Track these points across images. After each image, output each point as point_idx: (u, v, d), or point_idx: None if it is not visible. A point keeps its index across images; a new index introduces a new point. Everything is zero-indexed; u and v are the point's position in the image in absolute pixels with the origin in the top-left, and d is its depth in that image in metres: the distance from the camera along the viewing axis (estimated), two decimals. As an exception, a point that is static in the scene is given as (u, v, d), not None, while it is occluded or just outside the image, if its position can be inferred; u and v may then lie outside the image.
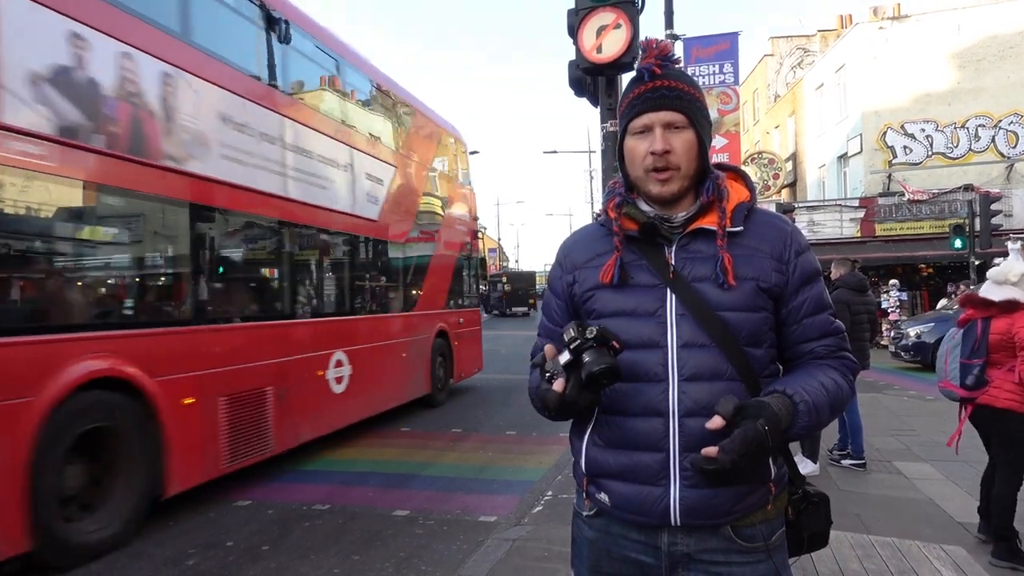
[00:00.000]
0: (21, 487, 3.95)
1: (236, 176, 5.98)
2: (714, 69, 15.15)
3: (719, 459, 1.28)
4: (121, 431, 4.71)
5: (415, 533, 4.84)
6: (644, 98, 1.47)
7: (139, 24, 5.06)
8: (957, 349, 4.12)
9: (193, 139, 5.50)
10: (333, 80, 8.25)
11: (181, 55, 5.44)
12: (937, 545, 3.94)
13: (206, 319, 5.62)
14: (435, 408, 10.00)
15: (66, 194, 4.57)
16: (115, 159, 4.76)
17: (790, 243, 1.50)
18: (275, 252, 6.85)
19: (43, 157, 4.24)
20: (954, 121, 21.90)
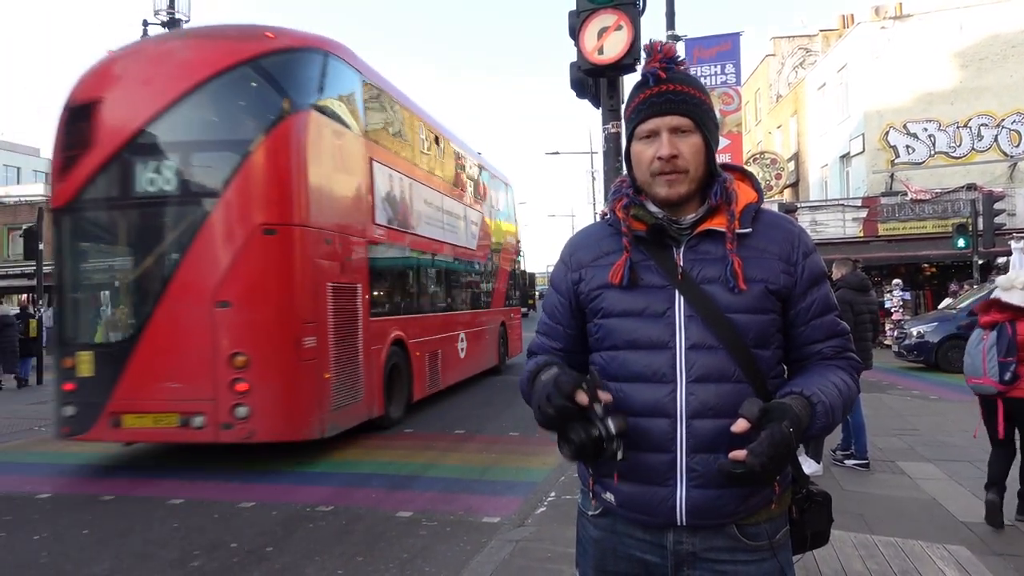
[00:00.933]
0: (380, 386, 8.38)
1: (431, 234, 10.70)
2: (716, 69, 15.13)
3: (748, 462, 1.27)
4: (401, 366, 9.14)
5: (419, 534, 4.85)
6: (650, 103, 1.47)
7: (410, 166, 9.90)
8: (994, 348, 4.47)
9: (422, 216, 10.24)
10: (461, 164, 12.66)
11: (419, 175, 10.26)
12: (940, 545, 3.94)
13: (422, 311, 10.34)
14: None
15: (387, 250, 9.11)
16: (401, 232, 9.43)
17: (798, 244, 1.51)
18: (442, 272, 11.48)
19: (384, 234, 8.81)
20: (957, 120, 21.87)
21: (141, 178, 6.82)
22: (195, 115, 6.93)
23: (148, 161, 6.80)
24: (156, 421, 6.57)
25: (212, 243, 6.64)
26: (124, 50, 7.68)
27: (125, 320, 6.96)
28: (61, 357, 6.90)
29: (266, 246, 6.52)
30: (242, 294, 6.50)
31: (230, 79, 6.87)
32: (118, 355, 6.66)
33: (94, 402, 6.60)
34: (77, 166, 6.91)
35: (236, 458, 7.40)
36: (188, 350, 6.48)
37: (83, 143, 6.90)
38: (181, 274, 6.61)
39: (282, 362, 6.56)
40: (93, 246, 7.39)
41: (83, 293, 7.24)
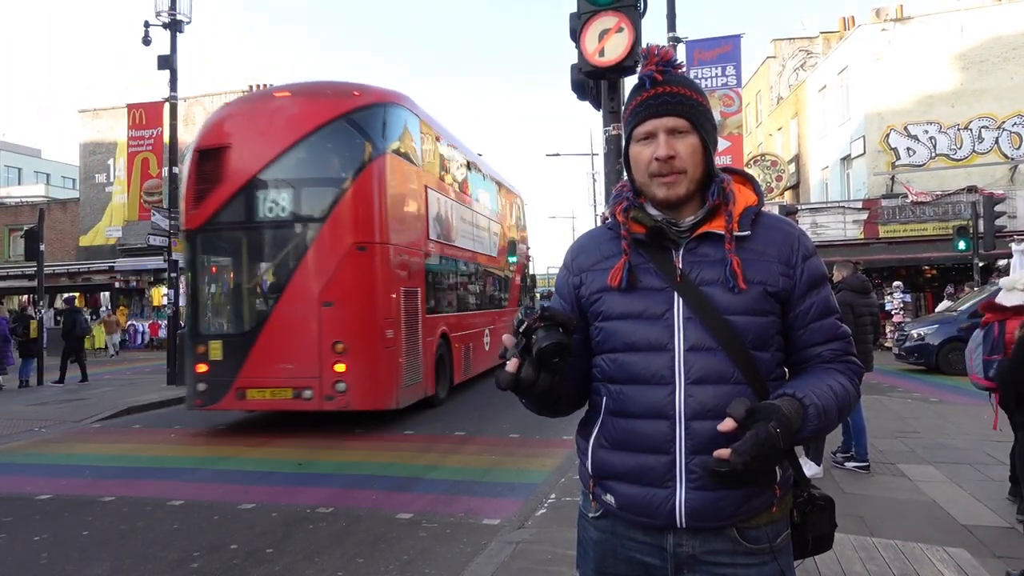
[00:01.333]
0: (432, 371, 10.14)
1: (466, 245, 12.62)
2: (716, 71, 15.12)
3: (731, 461, 1.28)
4: (445, 356, 10.92)
5: (419, 536, 4.85)
6: (647, 105, 1.48)
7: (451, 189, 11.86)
8: (980, 348, 4.78)
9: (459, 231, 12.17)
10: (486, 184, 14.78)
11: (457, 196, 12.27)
12: (940, 547, 3.94)
13: (459, 310, 12.18)
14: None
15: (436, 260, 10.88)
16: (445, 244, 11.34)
17: (797, 247, 1.51)
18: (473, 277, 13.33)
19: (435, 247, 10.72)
20: (957, 123, 21.87)
21: (261, 207, 8.81)
22: (303, 158, 8.85)
23: (267, 194, 8.81)
24: (273, 394, 8.46)
25: (319, 257, 8.53)
26: (239, 105, 10.26)
27: (249, 315, 8.95)
28: (194, 345, 8.76)
29: (358, 259, 8.47)
30: (341, 296, 8.37)
31: (329, 131, 8.81)
32: (244, 343, 8.54)
33: (224, 380, 8.49)
34: (208, 197, 8.84)
35: (236, 459, 7.42)
36: (299, 339, 8.37)
37: (212, 179, 8.83)
38: (295, 280, 8.57)
39: (371, 349, 8.48)
40: (221, 258, 9.41)
41: (212, 295, 9.31)
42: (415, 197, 9.99)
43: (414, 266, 9.76)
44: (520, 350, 1.37)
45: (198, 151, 9.14)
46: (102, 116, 29.54)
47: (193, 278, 9.22)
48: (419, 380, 9.66)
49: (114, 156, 28.79)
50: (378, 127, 9.03)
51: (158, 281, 26.29)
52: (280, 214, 8.83)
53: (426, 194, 10.38)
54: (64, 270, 28.29)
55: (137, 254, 26.71)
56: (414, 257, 9.80)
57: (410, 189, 9.83)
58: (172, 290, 14.86)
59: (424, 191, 10.32)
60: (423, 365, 9.83)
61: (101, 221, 29.44)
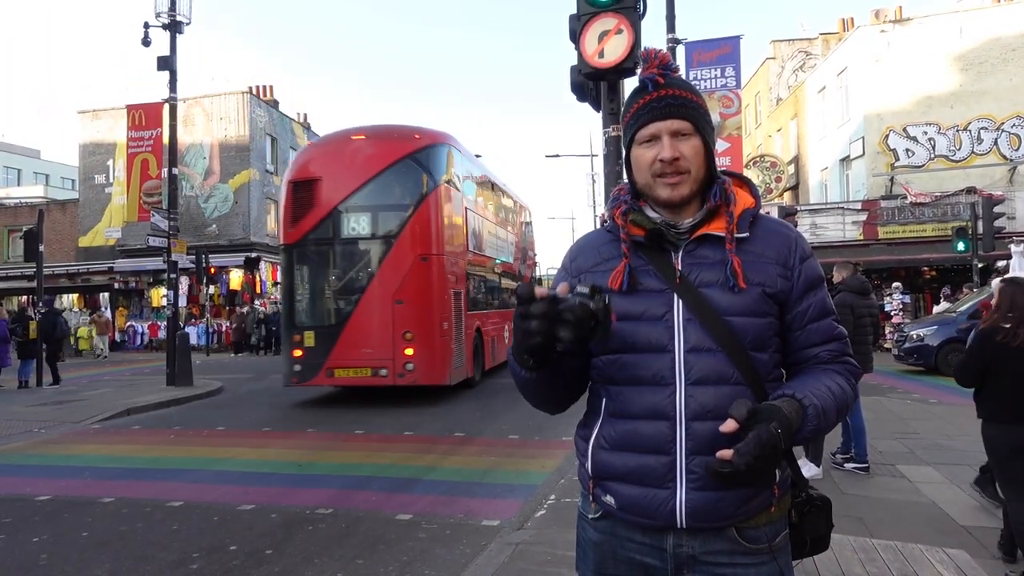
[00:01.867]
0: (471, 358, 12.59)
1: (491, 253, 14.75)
2: (716, 73, 15.12)
3: (734, 462, 1.28)
4: (479, 346, 13.21)
5: (418, 537, 4.85)
6: (650, 108, 1.49)
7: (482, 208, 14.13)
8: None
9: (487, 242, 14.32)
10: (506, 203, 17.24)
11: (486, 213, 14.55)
12: (939, 548, 3.94)
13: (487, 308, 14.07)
14: None
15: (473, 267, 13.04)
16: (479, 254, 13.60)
17: (795, 249, 1.52)
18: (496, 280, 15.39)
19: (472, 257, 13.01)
20: (956, 124, 21.89)
21: (345, 227, 11.23)
22: (377, 189, 11.20)
23: (350, 217, 11.23)
24: (356, 373, 10.81)
25: (391, 265, 10.87)
26: (323, 145, 12.58)
27: (336, 312, 11.26)
28: (290, 335, 11.10)
29: (422, 268, 10.80)
30: (409, 296, 10.70)
31: (397, 167, 11.18)
32: (332, 333, 10.86)
33: (316, 362, 10.81)
34: (302, 220, 11.25)
35: (235, 460, 7.41)
36: (377, 330, 10.70)
37: (304, 205, 11.23)
38: (373, 284, 10.94)
39: (431, 337, 10.81)
40: (313, 267, 11.56)
41: (305, 296, 11.56)
42: (459, 216, 12.34)
43: (460, 272, 12.14)
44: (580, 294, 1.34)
45: (292, 183, 11.52)
46: (101, 117, 29.53)
47: (289, 282, 11.59)
48: (463, 364, 11.97)
49: (113, 157, 28.79)
50: (434, 163, 11.40)
51: (157, 282, 26.30)
52: (361, 232, 11.27)
53: (466, 214, 12.78)
54: (64, 271, 28.30)
55: (136, 255, 26.73)
56: (460, 265, 12.17)
57: (456, 210, 12.12)
58: (171, 291, 14.85)
59: (464, 211, 12.68)
60: (465, 352, 12.14)
61: (100, 222, 29.44)
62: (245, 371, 17.83)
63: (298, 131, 32.88)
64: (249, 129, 28.06)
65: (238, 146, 28.04)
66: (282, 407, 11.28)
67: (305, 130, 33.72)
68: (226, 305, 27.36)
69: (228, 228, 27.90)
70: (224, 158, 28.08)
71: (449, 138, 12.10)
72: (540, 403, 1.62)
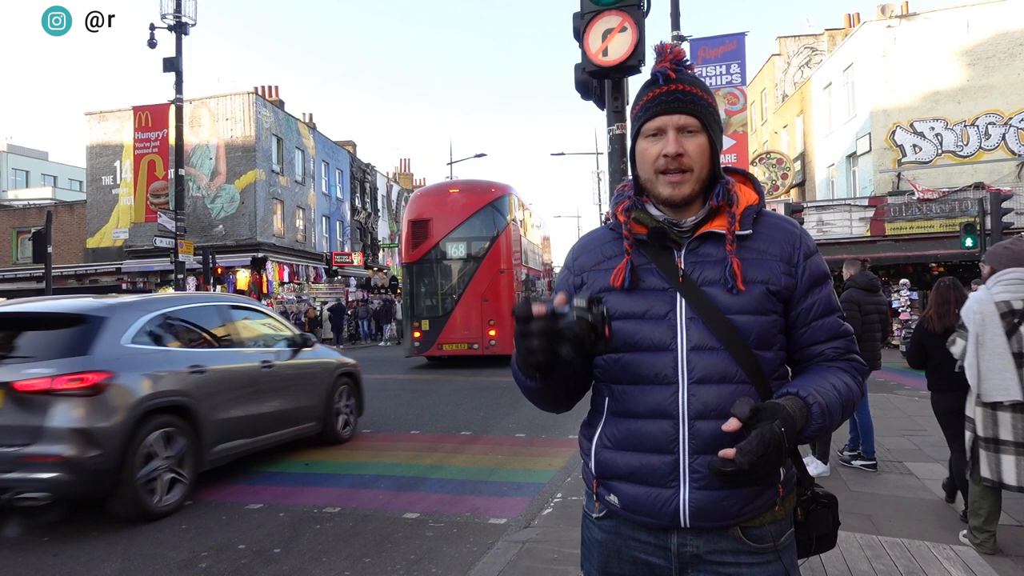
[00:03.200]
0: None
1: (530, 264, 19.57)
2: (721, 70, 15.12)
3: (736, 461, 1.28)
4: None
5: (425, 536, 4.86)
6: (659, 101, 1.48)
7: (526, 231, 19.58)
8: None
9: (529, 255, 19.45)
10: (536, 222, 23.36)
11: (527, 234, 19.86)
12: (947, 545, 3.93)
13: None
14: None
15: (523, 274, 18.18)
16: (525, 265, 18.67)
17: (799, 246, 1.51)
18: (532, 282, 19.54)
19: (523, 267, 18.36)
20: (964, 119, 21.79)
21: (450, 251, 16.70)
22: (470, 226, 16.56)
23: (452, 244, 16.67)
24: (457, 346, 16.17)
25: (480, 276, 16.21)
26: (431, 194, 17.74)
27: (443, 307, 16.54)
28: (412, 322, 16.58)
29: (500, 277, 16.18)
30: (492, 296, 16.02)
31: (482, 212, 16.57)
32: (442, 320, 16.31)
33: (430, 340, 16.29)
34: (419, 246, 16.71)
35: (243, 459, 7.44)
36: (471, 318, 16.05)
37: (420, 236, 16.74)
38: (468, 289, 16.25)
39: (506, 323, 15.35)
40: (427, 278, 16.85)
41: (421, 296, 16.81)
42: (518, 241, 17.60)
43: (520, 279, 17.37)
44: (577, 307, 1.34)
45: (411, 221, 17.05)
46: (108, 118, 29.67)
47: (410, 287, 16.94)
48: None
49: (121, 158, 28.93)
50: (504, 208, 16.82)
51: (165, 282, 26.38)
52: (459, 255, 16.73)
53: (520, 238, 17.95)
54: (72, 272, 28.45)
55: (144, 256, 26.87)
56: (519, 274, 17.38)
57: (517, 238, 17.41)
58: (179, 291, 14.92)
59: (520, 237, 17.94)
60: None
61: (108, 223, 29.59)
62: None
63: (304, 131, 32.95)
64: (255, 129, 28.14)
65: (244, 146, 28.13)
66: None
67: (311, 130, 33.80)
68: (233, 305, 27.45)
69: (235, 228, 27.99)
70: (230, 158, 28.17)
71: (512, 188, 17.56)
72: (545, 406, 1.62)
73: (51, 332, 5.37)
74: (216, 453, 6.01)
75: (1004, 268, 3.98)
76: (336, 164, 36.79)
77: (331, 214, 35.70)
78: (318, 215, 34.16)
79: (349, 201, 38.09)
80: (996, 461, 3.89)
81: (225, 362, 6.32)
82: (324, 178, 35.13)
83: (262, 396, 6.63)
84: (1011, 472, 3.82)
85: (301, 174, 32.38)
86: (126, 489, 5.09)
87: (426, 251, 16.69)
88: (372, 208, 41.26)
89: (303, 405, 7.32)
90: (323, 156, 35.09)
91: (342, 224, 37.13)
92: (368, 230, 40.49)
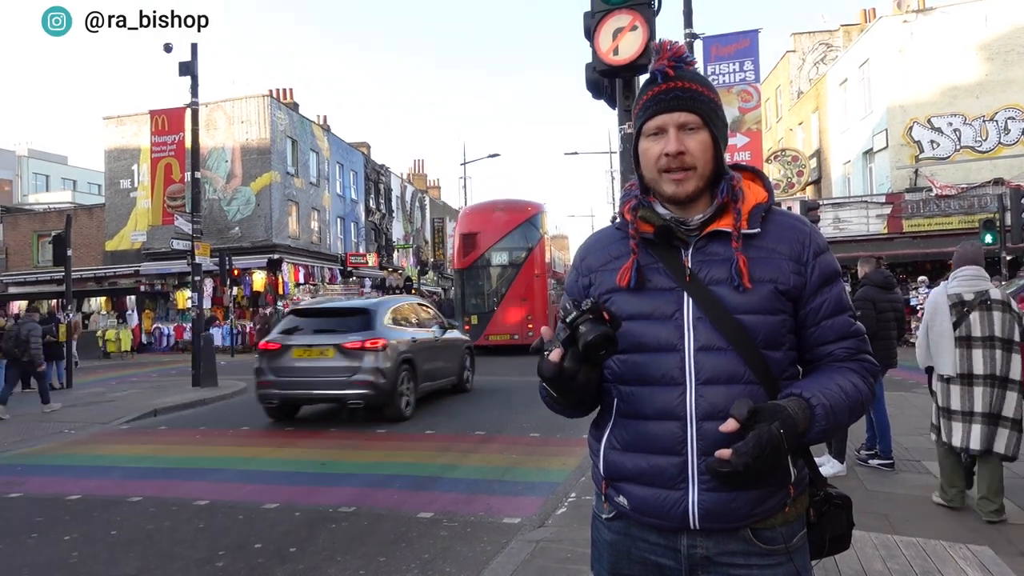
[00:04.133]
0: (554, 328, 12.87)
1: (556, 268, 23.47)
2: (734, 67, 15.02)
3: (732, 462, 1.27)
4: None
5: (439, 535, 4.88)
6: (658, 99, 1.47)
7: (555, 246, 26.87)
8: None
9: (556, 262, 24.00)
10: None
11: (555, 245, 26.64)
12: (963, 545, 3.88)
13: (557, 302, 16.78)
14: None
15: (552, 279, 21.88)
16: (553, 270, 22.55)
17: (808, 244, 1.49)
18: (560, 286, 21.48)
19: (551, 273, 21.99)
20: (983, 114, 21.52)
21: (494, 258, 20.26)
22: (511, 238, 20.16)
23: (496, 253, 20.19)
24: (500, 337, 19.42)
25: (520, 280, 19.83)
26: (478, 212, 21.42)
27: (489, 304, 19.96)
28: (463, 316, 19.62)
29: (536, 281, 19.80)
30: (530, 296, 19.76)
31: (521, 226, 20.24)
32: (488, 315, 19.89)
33: (479, 331, 19.17)
34: (468, 255, 20.31)
35: (260, 460, 7.51)
36: (513, 313, 19.57)
37: (469, 247, 20.38)
38: (510, 290, 19.84)
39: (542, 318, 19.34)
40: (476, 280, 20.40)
41: (470, 295, 20.33)
42: (548, 251, 21.04)
43: (551, 282, 20.55)
44: (563, 341, 1.36)
45: (462, 234, 20.83)
46: (126, 122, 29.99)
47: (461, 288, 20.74)
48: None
49: (138, 162, 29.22)
50: (539, 223, 20.66)
51: (182, 284, 26.65)
52: (502, 262, 20.17)
53: (551, 250, 21.74)
54: (91, 275, 28.82)
55: (161, 258, 27.12)
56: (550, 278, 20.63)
57: (548, 248, 21.06)
58: (196, 293, 15.04)
59: (551, 249, 21.69)
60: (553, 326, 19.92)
61: (126, 226, 29.91)
62: (269, 371, 18.00)
63: (318, 133, 33.13)
64: (270, 132, 28.32)
65: (259, 149, 28.33)
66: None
67: (325, 132, 33.98)
68: (249, 306, 27.68)
69: (250, 230, 28.20)
70: (246, 161, 28.38)
71: (544, 207, 21.55)
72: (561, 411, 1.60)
73: (353, 317, 9.58)
74: (421, 389, 10.14)
75: (960, 267, 4.80)
76: (350, 165, 36.95)
77: (346, 215, 35.87)
78: (333, 216, 34.33)
79: (363, 202, 38.23)
80: (948, 427, 4.67)
81: (422, 336, 10.46)
82: (339, 179, 35.28)
83: (436, 357, 10.76)
84: (958, 436, 4.59)
85: (316, 176, 32.55)
86: (394, 401, 9.27)
87: (475, 259, 20.36)
88: (386, 209, 41.38)
89: (451, 365, 11.47)
90: (337, 158, 35.26)
91: (356, 225, 37.28)
92: (382, 231, 40.62)
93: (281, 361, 9.19)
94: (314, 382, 9.14)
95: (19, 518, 5.61)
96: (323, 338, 9.32)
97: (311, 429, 9.26)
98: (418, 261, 44.44)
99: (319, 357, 9.12)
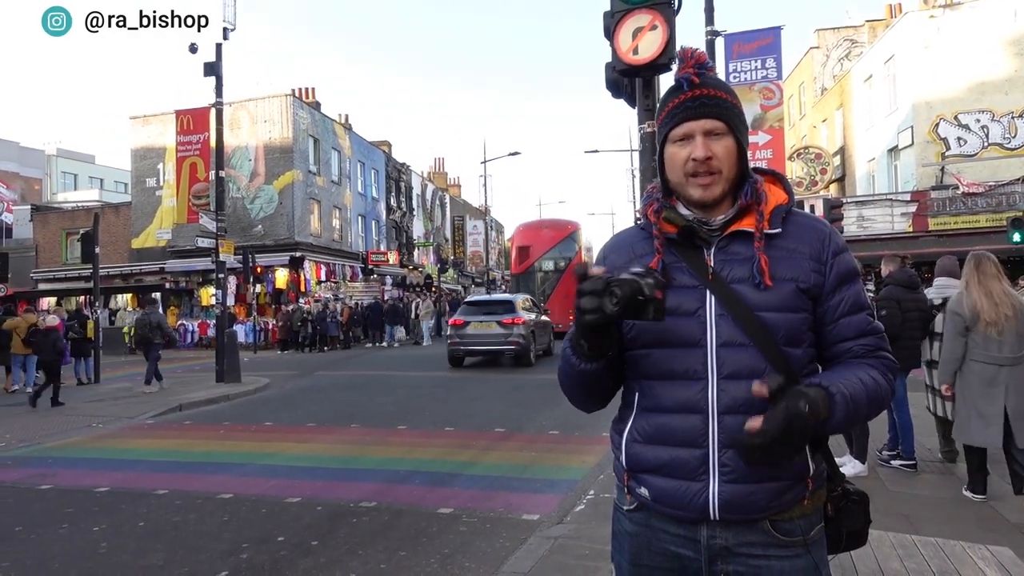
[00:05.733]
0: None
1: None
2: (756, 64, 14.91)
3: (762, 430, 1.32)
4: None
5: (459, 530, 4.93)
6: (684, 107, 1.51)
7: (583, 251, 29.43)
8: None
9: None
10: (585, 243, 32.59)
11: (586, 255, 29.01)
12: (982, 545, 3.84)
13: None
14: None
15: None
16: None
17: (828, 243, 1.53)
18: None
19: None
20: (1011, 110, 21.13)
21: (543, 265, 26.36)
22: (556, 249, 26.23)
23: (545, 261, 26.33)
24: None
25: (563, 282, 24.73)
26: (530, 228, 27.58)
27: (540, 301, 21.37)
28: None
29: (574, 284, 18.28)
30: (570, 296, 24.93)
31: (564, 240, 26.50)
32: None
33: None
34: (523, 262, 26.56)
35: (283, 455, 7.61)
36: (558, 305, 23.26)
37: (523, 256, 26.65)
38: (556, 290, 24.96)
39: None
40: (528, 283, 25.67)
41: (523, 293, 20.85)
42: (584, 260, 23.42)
43: None
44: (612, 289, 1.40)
45: (517, 247, 26.72)
46: (152, 122, 30.43)
47: (517, 289, 24.86)
48: None
49: (163, 161, 29.63)
50: (577, 237, 26.69)
51: (207, 282, 27.01)
52: (550, 269, 25.72)
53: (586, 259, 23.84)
54: (118, 272, 29.30)
55: (186, 256, 27.49)
56: None
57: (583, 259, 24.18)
58: (220, 290, 15.24)
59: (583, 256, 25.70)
60: None
61: (152, 224, 30.35)
62: (291, 368, 18.23)
63: (339, 132, 33.38)
64: (292, 131, 28.58)
65: (282, 148, 28.60)
66: (327, 403, 11.52)
67: (347, 131, 34.22)
68: (272, 304, 27.98)
69: (273, 228, 28.49)
70: (269, 160, 28.67)
71: (580, 224, 27.52)
72: (582, 398, 1.64)
73: (502, 305, 16.11)
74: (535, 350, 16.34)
75: (938, 277, 6.14)
76: (372, 164, 37.17)
77: (367, 213, 36.10)
78: (354, 214, 34.57)
79: (384, 200, 38.46)
80: (932, 400, 5.89)
81: (534, 316, 16.68)
82: (360, 178, 35.52)
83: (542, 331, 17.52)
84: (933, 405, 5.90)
85: (337, 174, 32.81)
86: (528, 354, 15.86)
87: (528, 266, 26.10)
88: (407, 207, 41.59)
89: (546, 337, 17.60)
90: (359, 156, 35.50)
91: (378, 223, 37.52)
92: (403, 229, 40.83)
93: (464, 330, 15.74)
94: (483, 342, 15.72)
95: (50, 509, 5.76)
96: (488, 317, 15.71)
97: (333, 425, 9.36)
98: (438, 259, 44.59)
99: (486, 328, 15.59)
